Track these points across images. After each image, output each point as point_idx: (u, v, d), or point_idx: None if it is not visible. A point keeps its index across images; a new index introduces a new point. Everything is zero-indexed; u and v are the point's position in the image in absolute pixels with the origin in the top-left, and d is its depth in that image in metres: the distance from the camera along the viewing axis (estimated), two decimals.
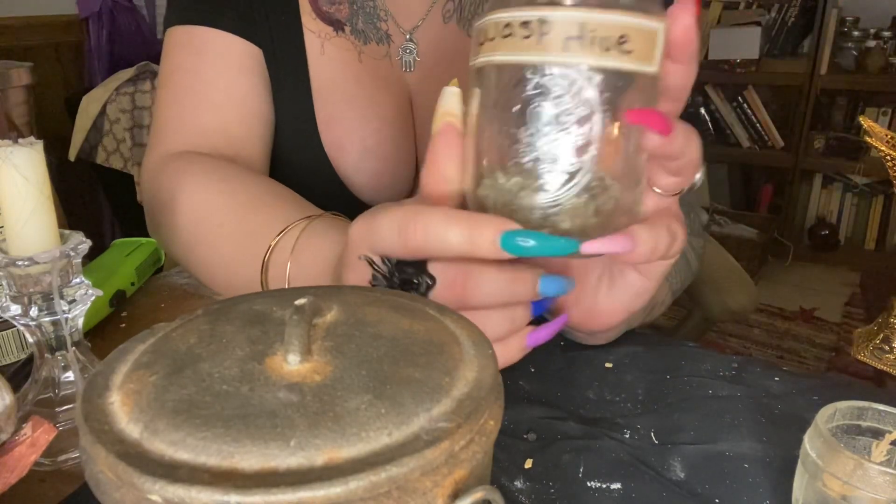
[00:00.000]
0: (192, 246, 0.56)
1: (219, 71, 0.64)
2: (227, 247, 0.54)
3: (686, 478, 0.40)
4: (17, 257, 0.39)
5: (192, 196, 0.56)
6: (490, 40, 0.33)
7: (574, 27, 0.31)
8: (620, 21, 0.31)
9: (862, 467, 0.31)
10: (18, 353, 0.51)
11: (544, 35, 0.31)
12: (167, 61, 0.66)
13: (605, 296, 0.43)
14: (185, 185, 0.57)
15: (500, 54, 0.33)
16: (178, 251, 0.59)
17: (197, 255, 0.56)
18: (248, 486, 0.19)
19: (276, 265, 0.49)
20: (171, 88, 0.65)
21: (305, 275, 0.48)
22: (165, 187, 0.59)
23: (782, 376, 0.49)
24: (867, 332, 0.93)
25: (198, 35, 0.64)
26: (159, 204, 0.60)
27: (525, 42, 0.32)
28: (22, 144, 0.39)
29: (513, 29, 0.32)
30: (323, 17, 0.66)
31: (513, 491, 0.39)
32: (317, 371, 0.23)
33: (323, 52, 0.66)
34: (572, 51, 0.31)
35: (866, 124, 0.65)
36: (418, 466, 0.20)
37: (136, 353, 0.26)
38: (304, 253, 0.48)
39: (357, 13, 0.67)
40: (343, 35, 0.67)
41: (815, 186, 2.83)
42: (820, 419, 0.34)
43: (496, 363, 0.25)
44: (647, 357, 0.52)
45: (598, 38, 0.31)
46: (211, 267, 0.56)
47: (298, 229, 0.49)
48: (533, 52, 0.32)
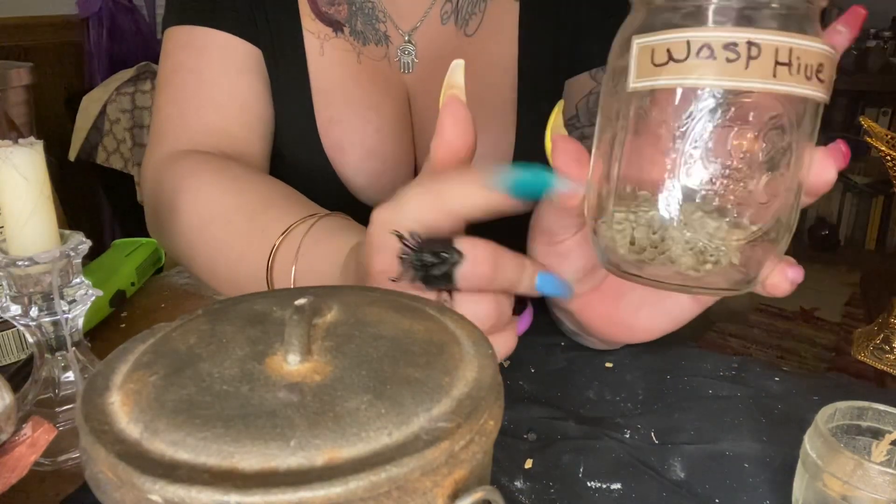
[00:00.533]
0: (195, 244, 0.56)
1: (220, 71, 0.64)
2: (233, 245, 0.54)
3: (686, 478, 0.40)
4: (17, 257, 0.39)
5: (198, 194, 0.56)
6: (677, 61, 0.30)
7: (784, 52, 0.29)
8: (820, 49, 0.30)
9: (862, 467, 0.31)
10: (18, 353, 0.51)
11: (752, 59, 0.29)
12: (167, 61, 0.66)
13: (647, 314, 0.43)
14: (192, 184, 0.57)
15: (699, 78, 0.30)
16: (180, 249, 0.59)
17: (201, 254, 0.56)
18: (248, 486, 0.19)
19: (281, 263, 0.49)
20: (172, 88, 0.65)
21: (311, 273, 0.48)
22: (168, 186, 0.59)
23: (782, 376, 0.49)
24: (867, 332, 0.93)
25: (198, 35, 0.64)
26: (162, 202, 0.60)
27: (730, 66, 0.29)
28: (22, 144, 0.39)
29: (714, 51, 0.29)
30: (322, 17, 0.66)
31: (513, 491, 0.39)
32: (317, 371, 0.23)
33: (322, 53, 0.66)
34: (781, 78, 0.29)
35: (866, 124, 0.65)
36: (418, 466, 0.20)
37: (136, 353, 0.26)
38: (310, 252, 0.48)
39: (356, 14, 0.67)
40: (342, 36, 0.67)
41: None
42: (820, 419, 0.34)
43: (496, 363, 0.25)
44: (647, 357, 0.52)
45: (803, 66, 0.30)
46: (215, 265, 0.55)
47: (304, 228, 0.49)
48: (741, 78, 0.29)
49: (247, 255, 0.52)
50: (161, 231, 0.62)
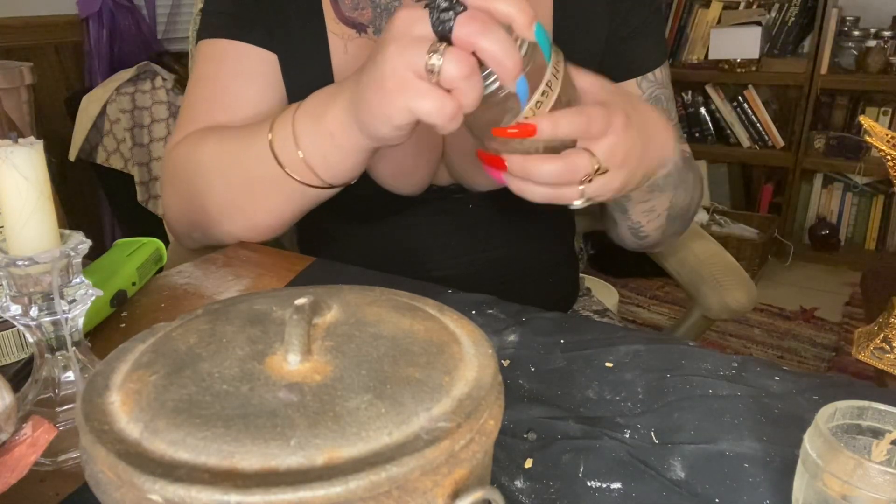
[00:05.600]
0: (209, 168, 0.66)
1: (232, 77, 0.71)
2: (237, 144, 0.64)
3: (686, 477, 0.40)
4: (17, 257, 0.39)
5: (205, 138, 0.67)
6: None
7: None
8: None
9: (862, 467, 0.31)
10: (18, 353, 0.51)
11: None
12: (193, 72, 0.74)
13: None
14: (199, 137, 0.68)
15: None
16: (199, 189, 0.67)
17: (213, 171, 0.66)
18: (248, 486, 0.19)
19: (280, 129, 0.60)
20: (191, 95, 0.73)
21: (307, 114, 0.59)
22: (183, 150, 0.69)
23: (782, 376, 0.49)
24: (867, 331, 0.93)
25: (220, 47, 0.71)
26: (177, 164, 0.69)
27: None
28: (22, 144, 0.39)
29: None
30: (346, 21, 0.71)
31: (513, 491, 0.39)
32: (317, 371, 0.23)
33: (346, 51, 0.71)
34: None
35: (867, 124, 0.65)
36: (418, 466, 0.20)
37: (136, 353, 0.26)
38: (303, 104, 0.60)
39: (381, 16, 0.71)
40: (365, 36, 0.71)
41: (816, 186, 2.82)
42: (820, 419, 0.34)
43: (496, 363, 0.25)
44: (647, 356, 0.52)
45: None
46: (228, 170, 0.65)
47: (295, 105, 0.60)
48: None
49: (251, 142, 0.62)
50: (181, 193, 0.70)
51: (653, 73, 0.75)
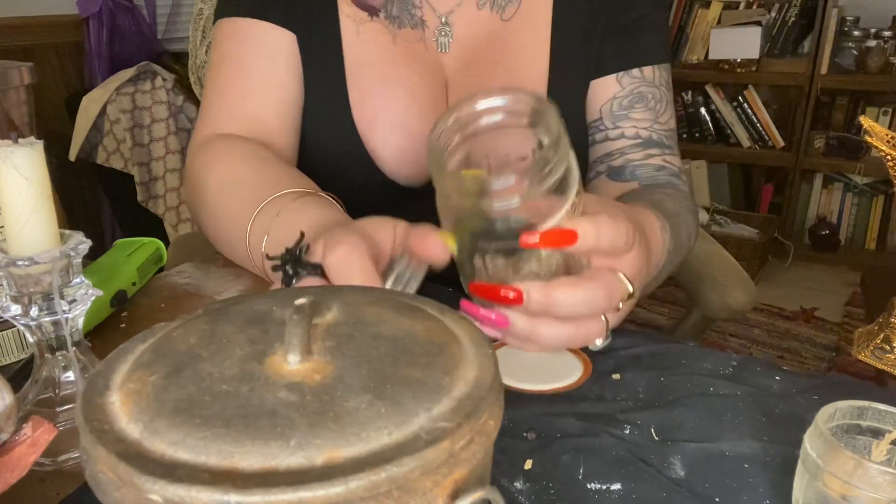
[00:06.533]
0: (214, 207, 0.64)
1: (257, 59, 0.71)
2: (233, 209, 0.61)
3: (686, 476, 0.40)
4: (17, 257, 0.39)
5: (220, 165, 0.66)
6: None
7: None
8: None
9: (862, 467, 0.31)
10: (18, 353, 0.51)
11: None
12: (217, 50, 0.73)
13: None
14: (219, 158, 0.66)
15: None
16: (207, 213, 0.67)
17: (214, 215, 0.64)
18: (248, 486, 0.19)
19: (256, 231, 0.56)
20: (217, 76, 0.72)
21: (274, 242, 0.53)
22: (202, 161, 0.68)
23: (782, 375, 0.49)
24: (868, 331, 0.93)
25: (242, 25, 0.71)
26: (196, 175, 0.68)
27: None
28: (22, 144, 0.39)
29: None
30: (359, 4, 0.71)
31: (513, 492, 0.39)
32: (317, 371, 0.23)
33: (358, 33, 0.71)
34: None
35: (867, 124, 0.65)
36: (418, 466, 0.20)
37: (136, 353, 0.26)
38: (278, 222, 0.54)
39: (393, 1, 0.71)
40: (377, 20, 0.72)
41: (816, 186, 2.82)
42: (820, 419, 0.34)
43: (496, 363, 0.25)
44: (646, 356, 0.52)
45: None
46: (219, 225, 0.64)
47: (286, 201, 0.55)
48: None
49: (239, 218, 0.58)
50: (195, 204, 0.70)
51: (640, 70, 0.72)
